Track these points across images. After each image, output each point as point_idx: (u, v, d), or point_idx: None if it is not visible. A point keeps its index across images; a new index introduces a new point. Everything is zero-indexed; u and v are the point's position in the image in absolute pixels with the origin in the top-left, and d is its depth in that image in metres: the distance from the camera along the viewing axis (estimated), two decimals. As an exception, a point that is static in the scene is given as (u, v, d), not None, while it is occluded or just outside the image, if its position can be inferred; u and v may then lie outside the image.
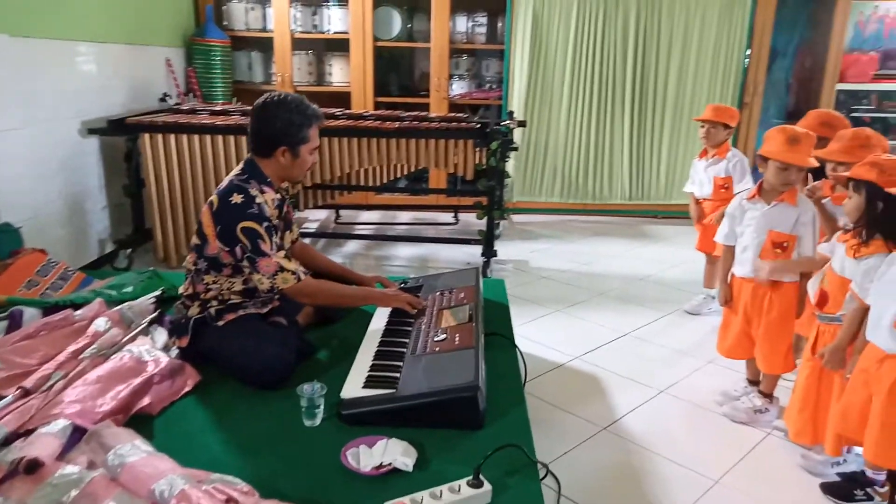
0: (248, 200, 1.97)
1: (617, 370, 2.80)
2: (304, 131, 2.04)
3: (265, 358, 1.89)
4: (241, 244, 1.94)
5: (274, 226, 2.02)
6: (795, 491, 2.06)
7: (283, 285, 1.98)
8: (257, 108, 2.06)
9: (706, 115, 3.22)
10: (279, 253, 2.00)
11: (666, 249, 4.63)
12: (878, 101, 5.45)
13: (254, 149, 2.09)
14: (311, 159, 2.10)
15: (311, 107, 2.07)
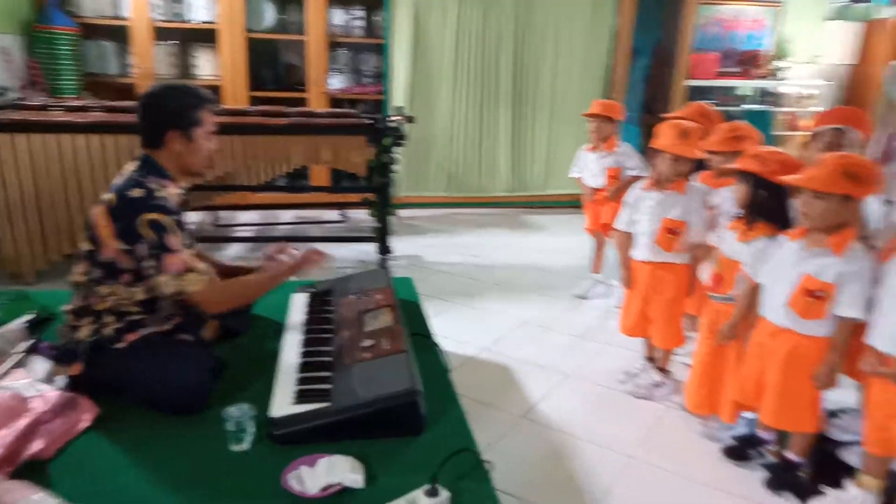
0: (148, 193, 1.80)
1: (523, 358, 2.88)
2: (194, 113, 1.87)
3: (178, 380, 1.72)
4: (144, 240, 1.74)
5: (181, 221, 1.85)
6: (700, 457, 2.23)
7: (191, 288, 1.79)
8: (143, 97, 1.90)
9: (593, 110, 3.38)
10: (187, 251, 1.83)
11: (549, 238, 4.84)
12: (721, 97, 6.05)
13: (144, 141, 1.91)
14: (208, 145, 1.93)
15: (200, 89, 1.93)
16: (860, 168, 1.80)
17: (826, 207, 1.81)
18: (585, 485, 2.08)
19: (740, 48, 6.16)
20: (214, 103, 1.95)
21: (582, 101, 5.37)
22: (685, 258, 2.46)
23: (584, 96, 5.39)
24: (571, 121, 5.42)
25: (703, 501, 2.04)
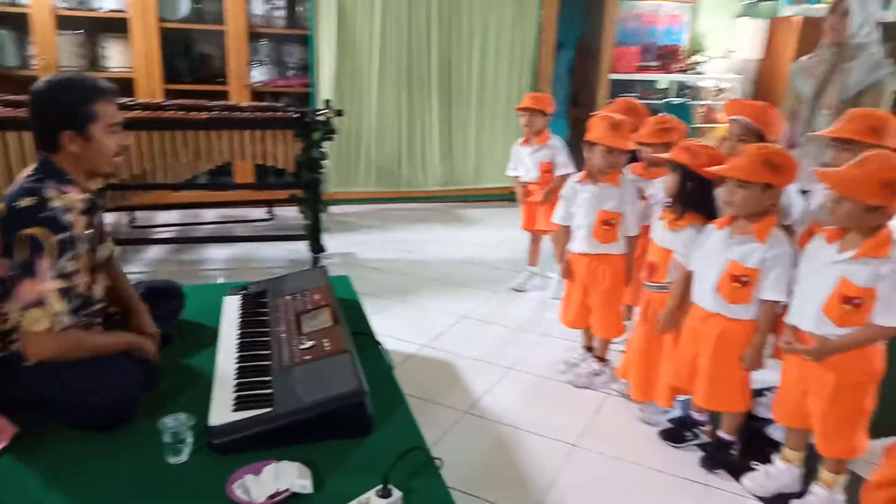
0: (40, 203, 1.61)
1: (464, 353, 2.88)
2: (87, 108, 1.68)
3: (104, 393, 1.60)
4: (16, 257, 1.57)
5: (74, 238, 1.64)
6: (639, 441, 2.30)
7: (29, 326, 1.56)
8: (30, 96, 1.70)
9: (525, 103, 3.40)
10: (54, 282, 1.59)
11: (482, 231, 4.86)
12: (643, 90, 6.25)
13: (38, 144, 1.74)
14: (111, 140, 1.74)
15: (92, 79, 1.74)
16: (779, 158, 1.88)
17: (748, 196, 1.88)
18: (531, 475, 2.09)
19: (659, 43, 6.39)
20: (111, 94, 1.75)
21: (511, 94, 5.45)
22: (622, 249, 2.51)
23: (512, 89, 5.45)
24: (502, 113, 5.47)
25: (644, 483, 2.09)
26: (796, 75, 2.87)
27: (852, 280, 1.68)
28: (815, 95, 2.72)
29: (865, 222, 1.68)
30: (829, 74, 2.68)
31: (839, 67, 2.67)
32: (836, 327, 1.73)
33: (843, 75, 2.65)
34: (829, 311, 1.73)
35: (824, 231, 1.81)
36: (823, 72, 2.71)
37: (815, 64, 2.79)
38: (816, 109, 2.77)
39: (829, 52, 2.72)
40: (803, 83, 2.78)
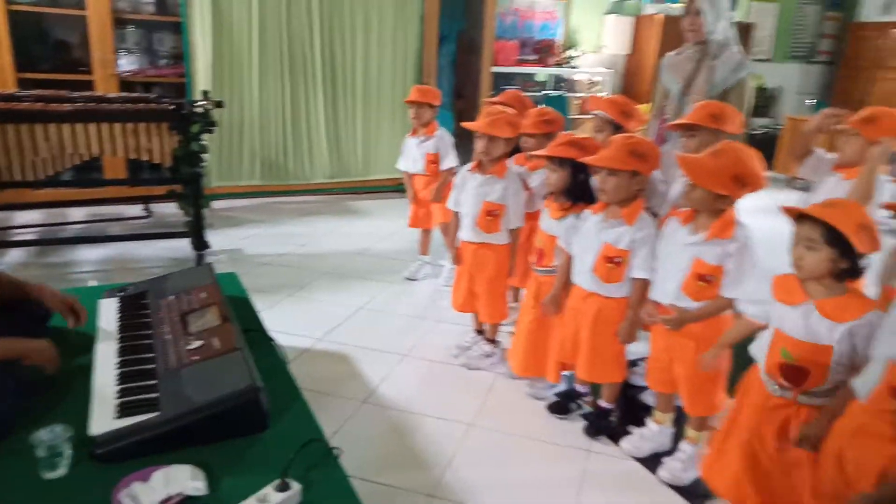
0: None
1: (360, 344, 2.89)
2: None
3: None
4: None
5: None
6: (529, 415, 2.43)
7: None
8: None
9: (412, 96, 3.44)
10: None
11: (373, 223, 4.87)
12: (523, 82, 6.49)
13: None
14: None
15: None
16: (643, 147, 2.05)
17: (618, 183, 2.04)
18: (430, 457, 2.16)
19: (536, 37, 6.66)
20: None
21: (396, 86, 5.47)
22: (505, 239, 2.61)
23: (397, 81, 5.48)
24: (388, 105, 5.48)
25: (535, 454, 2.22)
26: (664, 71, 3.03)
27: (704, 259, 1.88)
28: (683, 92, 2.88)
29: (714, 206, 1.87)
30: (695, 72, 2.85)
31: (704, 65, 2.84)
32: (692, 301, 1.92)
33: (709, 73, 2.81)
34: (687, 288, 1.92)
35: (678, 214, 2.00)
36: (690, 69, 2.87)
37: (681, 61, 2.94)
38: (685, 106, 2.89)
39: (693, 51, 2.89)
40: (671, 80, 2.95)
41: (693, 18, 2.80)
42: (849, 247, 1.46)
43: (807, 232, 1.52)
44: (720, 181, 1.81)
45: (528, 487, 2.05)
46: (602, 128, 2.47)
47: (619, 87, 7.07)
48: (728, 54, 2.81)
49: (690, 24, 2.83)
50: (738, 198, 1.87)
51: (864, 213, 1.51)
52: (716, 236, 1.87)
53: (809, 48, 8.90)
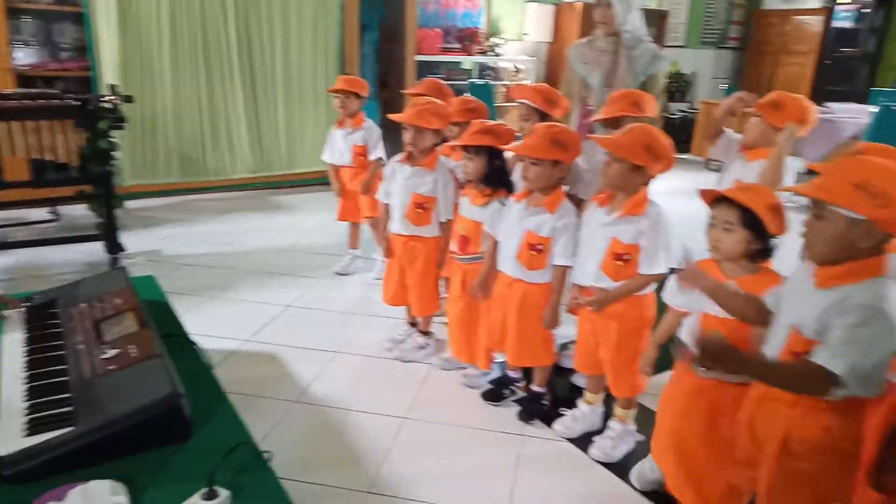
0: None
1: (290, 343, 2.83)
2: None
3: None
4: None
5: None
6: (464, 404, 2.44)
7: None
8: None
9: (338, 85, 3.37)
10: None
11: (300, 217, 4.76)
12: (447, 71, 6.50)
13: None
14: None
15: None
16: (565, 136, 2.09)
17: (541, 171, 2.07)
18: (366, 453, 2.14)
19: (460, 26, 6.67)
20: None
21: (318, 76, 5.36)
22: (435, 232, 2.59)
23: (319, 71, 5.37)
24: (311, 96, 5.37)
25: (469, 442, 2.23)
26: (577, 62, 3.04)
27: (620, 238, 1.93)
28: (605, 84, 2.91)
29: (631, 182, 1.92)
30: (613, 64, 2.89)
31: (622, 57, 2.88)
32: (612, 281, 1.98)
33: (630, 65, 2.87)
34: (606, 268, 1.97)
35: (596, 198, 2.05)
36: (607, 61, 2.90)
37: (596, 52, 2.95)
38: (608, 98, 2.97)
39: (606, 42, 2.91)
40: (589, 73, 2.97)
41: (605, 10, 2.84)
42: (762, 228, 1.53)
43: (724, 215, 1.58)
44: (634, 152, 1.87)
45: (464, 476, 2.06)
46: (528, 116, 2.49)
47: (542, 75, 7.19)
48: (644, 46, 2.89)
49: (602, 16, 2.86)
50: (652, 172, 1.92)
51: (775, 196, 1.59)
52: (629, 213, 1.93)
53: (720, 35, 9.32)
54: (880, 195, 1.18)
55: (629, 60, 2.88)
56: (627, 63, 2.87)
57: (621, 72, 2.88)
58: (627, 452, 2.16)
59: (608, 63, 2.91)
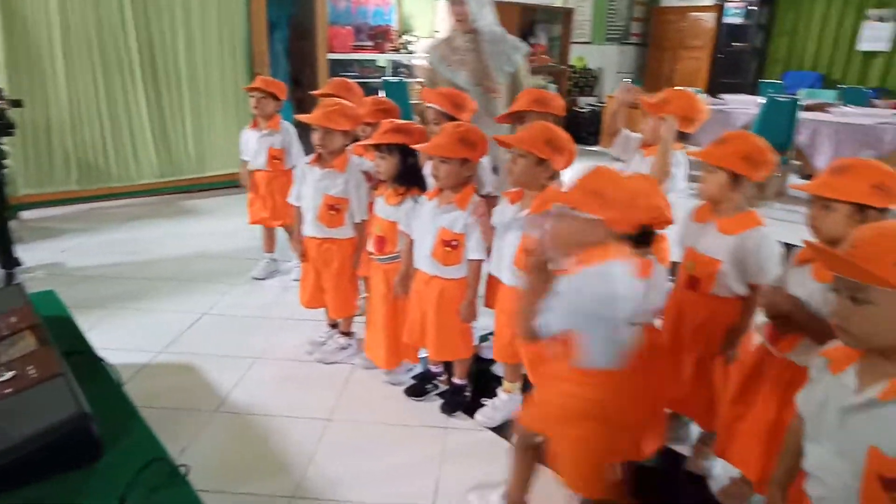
0: None
1: (207, 352, 2.76)
2: None
3: None
4: None
5: None
6: (388, 402, 2.46)
7: None
8: None
9: (255, 84, 3.28)
10: None
11: (213, 222, 4.62)
12: (361, 69, 6.45)
13: None
14: None
15: None
16: (472, 135, 2.14)
17: (449, 170, 2.11)
18: (290, 458, 2.12)
19: (371, 23, 6.63)
20: None
21: (227, 76, 5.21)
22: (349, 233, 2.59)
23: (227, 70, 5.22)
24: (220, 96, 5.21)
25: (395, 439, 2.26)
26: (439, 64, 2.94)
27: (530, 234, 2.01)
28: (474, 83, 2.87)
29: (537, 178, 2.00)
30: (479, 62, 2.87)
31: (485, 54, 2.85)
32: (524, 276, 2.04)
33: (495, 59, 2.86)
34: (518, 262, 2.04)
35: (506, 194, 2.12)
36: (473, 59, 2.87)
37: (461, 52, 2.89)
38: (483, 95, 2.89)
39: (465, 40, 2.86)
40: (454, 73, 2.90)
41: (459, 8, 2.80)
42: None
43: None
44: (535, 145, 1.94)
45: (390, 472, 2.08)
46: (437, 120, 2.52)
47: (454, 72, 7.25)
48: (503, 40, 2.88)
49: (457, 13, 2.82)
50: (556, 166, 2.00)
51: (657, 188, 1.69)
52: (538, 210, 2.00)
53: (623, 31, 9.72)
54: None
55: (493, 55, 2.86)
56: (492, 58, 2.86)
57: (488, 68, 2.86)
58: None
59: (473, 61, 2.88)
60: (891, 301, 0.99)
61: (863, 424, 1.07)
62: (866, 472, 1.05)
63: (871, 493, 1.05)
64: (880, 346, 1.05)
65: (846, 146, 5.33)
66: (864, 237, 1.04)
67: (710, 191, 1.89)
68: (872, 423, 1.05)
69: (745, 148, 1.84)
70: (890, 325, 1.01)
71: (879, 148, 5.19)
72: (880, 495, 1.04)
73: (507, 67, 2.88)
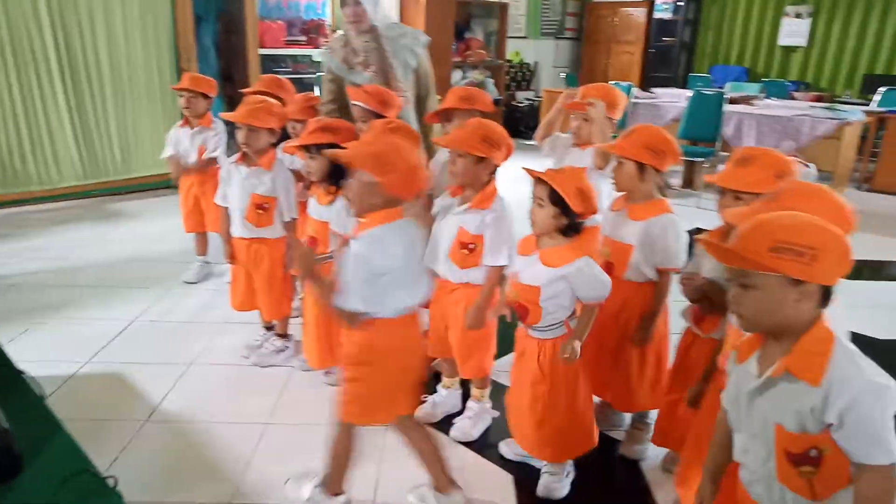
0: None
1: (137, 360, 2.67)
2: None
3: None
4: None
5: None
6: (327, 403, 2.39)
7: None
8: None
9: (183, 84, 3.18)
10: None
11: (142, 225, 4.47)
12: (294, 64, 6.33)
13: None
14: None
15: None
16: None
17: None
18: (227, 464, 2.08)
19: (304, 17, 6.52)
20: None
21: (152, 72, 5.04)
22: (279, 232, 2.54)
23: (152, 67, 5.06)
24: (146, 94, 5.03)
25: (334, 440, 2.25)
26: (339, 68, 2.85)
27: (466, 228, 2.03)
28: (381, 82, 2.79)
29: (478, 176, 2.02)
30: (382, 60, 2.81)
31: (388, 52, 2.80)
32: (459, 269, 2.07)
33: (399, 55, 2.82)
34: (453, 256, 2.06)
35: (449, 188, 2.14)
36: (376, 58, 2.81)
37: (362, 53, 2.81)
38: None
39: (364, 40, 2.79)
40: (357, 75, 2.83)
41: (355, 9, 2.75)
42: (568, 206, 1.69)
43: (538, 192, 1.75)
44: (472, 144, 1.97)
45: (330, 473, 2.07)
46: (364, 118, 2.51)
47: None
48: (403, 33, 2.87)
49: (353, 14, 2.76)
50: (496, 161, 2.03)
51: (584, 179, 1.75)
52: (477, 206, 2.03)
53: (558, 26, 9.89)
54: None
55: (396, 51, 2.83)
56: (395, 54, 2.83)
57: (391, 67, 2.82)
58: (485, 429, 2.28)
59: (376, 60, 2.82)
60: (772, 284, 1.07)
61: (765, 405, 1.14)
62: (776, 449, 1.13)
63: (784, 469, 1.13)
64: (769, 327, 1.13)
65: (768, 137, 5.60)
66: (745, 228, 1.11)
67: (621, 180, 2.00)
68: (771, 401, 1.13)
69: (649, 139, 1.95)
70: (774, 306, 1.08)
71: (798, 139, 5.47)
72: (791, 470, 1.12)
73: (412, 61, 2.84)
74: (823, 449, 1.07)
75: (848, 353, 1.08)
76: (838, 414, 1.03)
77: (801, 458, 1.10)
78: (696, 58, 9.59)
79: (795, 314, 1.08)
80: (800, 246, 1.04)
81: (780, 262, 1.04)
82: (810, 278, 1.05)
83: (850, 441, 1.04)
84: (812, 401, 1.06)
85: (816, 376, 1.06)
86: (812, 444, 1.08)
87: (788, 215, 1.10)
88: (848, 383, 1.04)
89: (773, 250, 1.04)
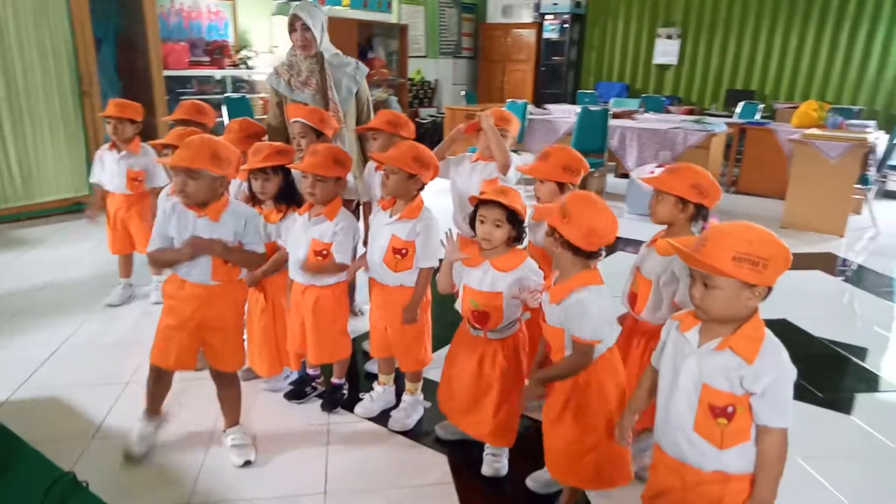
0: None
1: (72, 382, 2.70)
2: None
3: None
4: None
5: None
6: (270, 409, 2.59)
7: None
8: None
9: (109, 111, 3.19)
10: None
11: (52, 250, 4.35)
12: (199, 85, 6.31)
13: None
14: None
15: None
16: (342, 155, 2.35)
17: (325, 186, 2.28)
18: (179, 472, 2.18)
19: (206, 38, 6.52)
20: None
21: (52, 96, 4.93)
22: None
23: (53, 90, 4.94)
24: (48, 118, 4.90)
25: (283, 440, 2.39)
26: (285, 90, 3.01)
27: (399, 235, 2.27)
28: (322, 104, 3.00)
29: (408, 190, 2.27)
30: (323, 85, 3.01)
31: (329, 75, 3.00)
32: (392, 272, 2.30)
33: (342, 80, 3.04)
34: (387, 261, 2.30)
35: (381, 202, 2.38)
36: (317, 82, 3.01)
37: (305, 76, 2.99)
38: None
39: (308, 64, 2.98)
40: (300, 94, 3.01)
41: (304, 34, 2.94)
42: (520, 221, 1.98)
43: (494, 214, 1.97)
44: (405, 162, 2.22)
45: (281, 469, 2.23)
46: (304, 133, 2.70)
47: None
48: (347, 63, 3.09)
49: (302, 39, 2.95)
50: (425, 179, 2.28)
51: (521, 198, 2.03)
52: (406, 217, 2.27)
53: (455, 45, 10.35)
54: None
55: (339, 77, 3.04)
56: (338, 79, 3.03)
57: (330, 90, 3.01)
58: (419, 419, 2.52)
59: (318, 81, 3.01)
60: (730, 286, 1.33)
61: (697, 367, 1.42)
62: (700, 402, 1.42)
63: (702, 420, 1.43)
64: (723, 318, 1.39)
65: (647, 148, 6.22)
66: (710, 236, 1.36)
67: (544, 199, 2.33)
68: (705, 366, 1.41)
69: (564, 160, 2.29)
70: (730, 303, 1.35)
71: (674, 148, 6.11)
72: (710, 420, 1.43)
73: (353, 87, 3.09)
74: (738, 407, 1.39)
75: (774, 341, 1.38)
76: (763, 387, 1.35)
77: (721, 411, 1.41)
78: (583, 75, 10.35)
79: (745, 309, 1.36)
80: (755, 257, 1.29)
81: (740, 270, 1.29)
82: (761, 282, 1.32)
83: (765, 408, 1.36)
84: (742, 373, 1.36)
85: (751, 356, 1.36)
86: (732, 401, 1.39)
87: (747, 229, 1.34)
88: (774, 365, 1.35)
89: (734, 260, 1.29)
